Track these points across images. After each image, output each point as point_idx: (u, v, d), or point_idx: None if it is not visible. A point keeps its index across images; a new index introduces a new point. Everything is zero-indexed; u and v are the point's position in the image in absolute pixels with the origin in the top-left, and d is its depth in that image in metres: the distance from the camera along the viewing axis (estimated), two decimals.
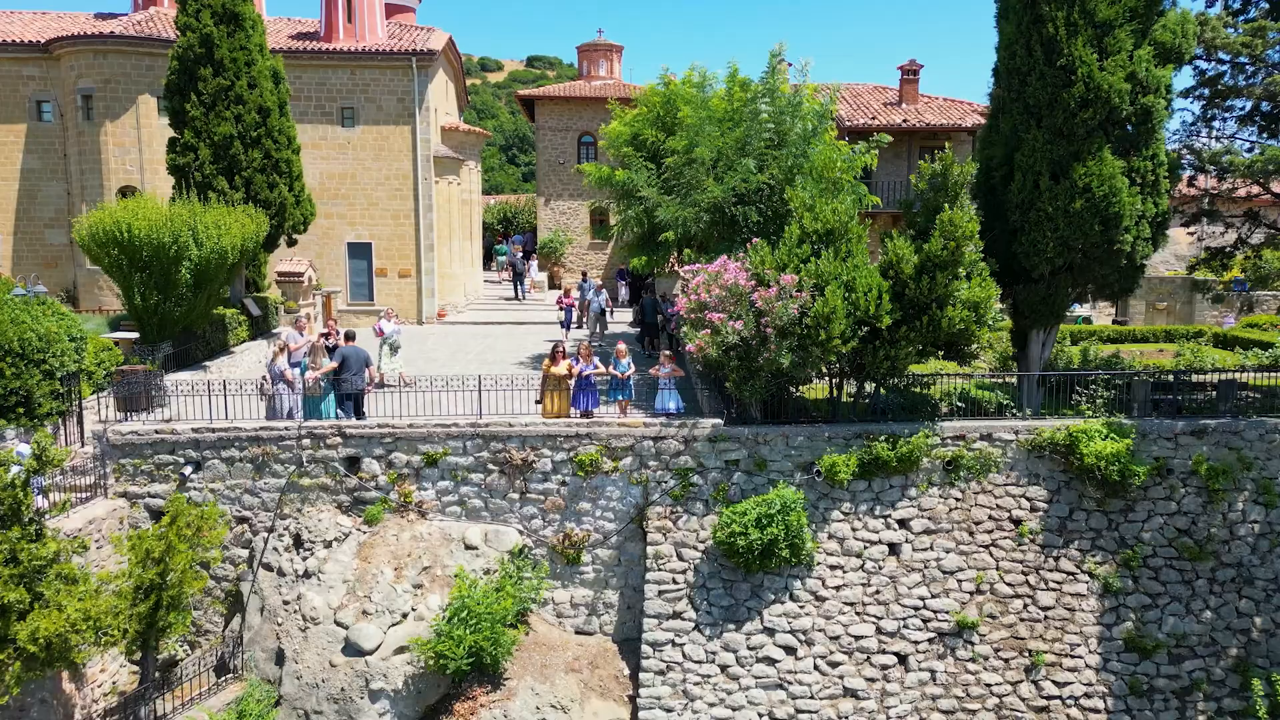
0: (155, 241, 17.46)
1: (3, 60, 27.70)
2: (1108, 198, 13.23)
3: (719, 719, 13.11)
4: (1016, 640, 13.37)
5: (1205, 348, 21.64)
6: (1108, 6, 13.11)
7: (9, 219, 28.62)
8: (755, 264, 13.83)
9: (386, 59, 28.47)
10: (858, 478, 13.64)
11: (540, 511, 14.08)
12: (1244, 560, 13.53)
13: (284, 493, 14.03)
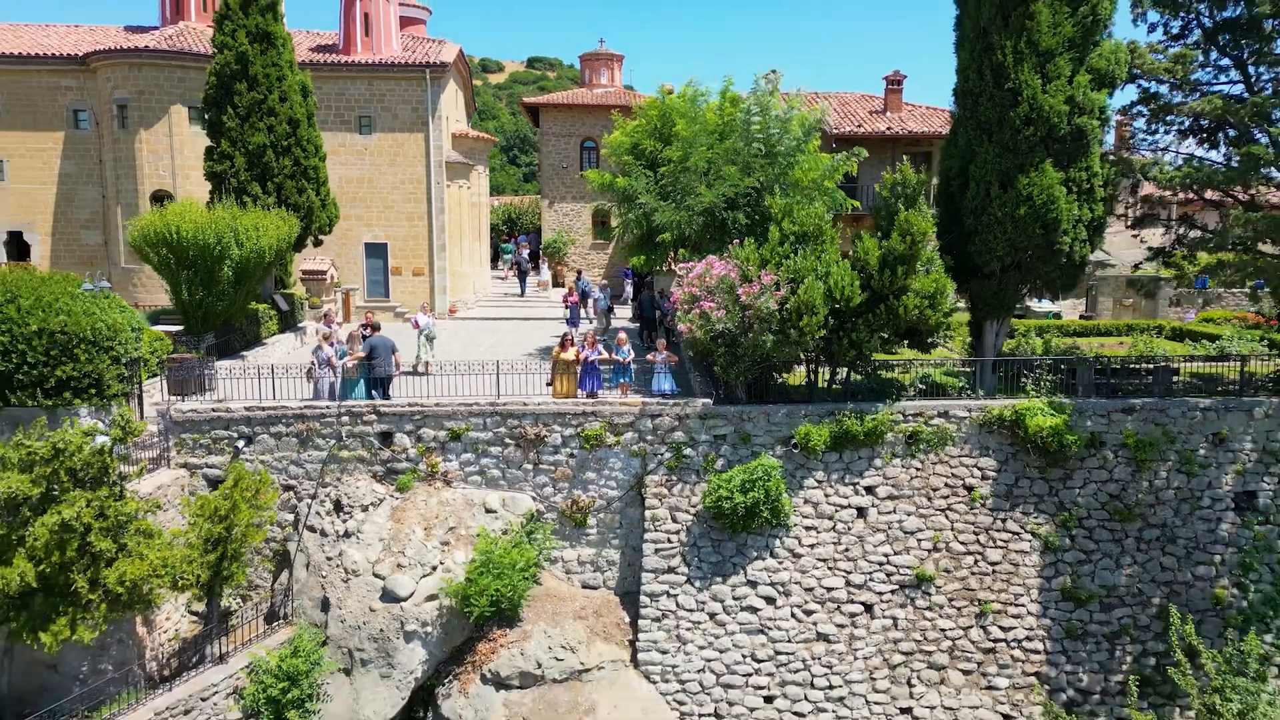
0: (201, 242, 19.35)
1: (42, 72, 29.58)
2: (1048, 205, 15.15)
3: (708, 660, 15.01)
4: (968, 591, 15.28)
5: (1157, 340, 23.52)
6: (1049, 37, 15.02)
7: (48, 220, 30.53)
8: (741, 261, 15.72)
9: (402, 71, 30.35)
10: (830, 450, 15.54)
11: (551, 480, 15.98)
12: (1167, 521, 15.44)
13: (325, 464, 15.93)
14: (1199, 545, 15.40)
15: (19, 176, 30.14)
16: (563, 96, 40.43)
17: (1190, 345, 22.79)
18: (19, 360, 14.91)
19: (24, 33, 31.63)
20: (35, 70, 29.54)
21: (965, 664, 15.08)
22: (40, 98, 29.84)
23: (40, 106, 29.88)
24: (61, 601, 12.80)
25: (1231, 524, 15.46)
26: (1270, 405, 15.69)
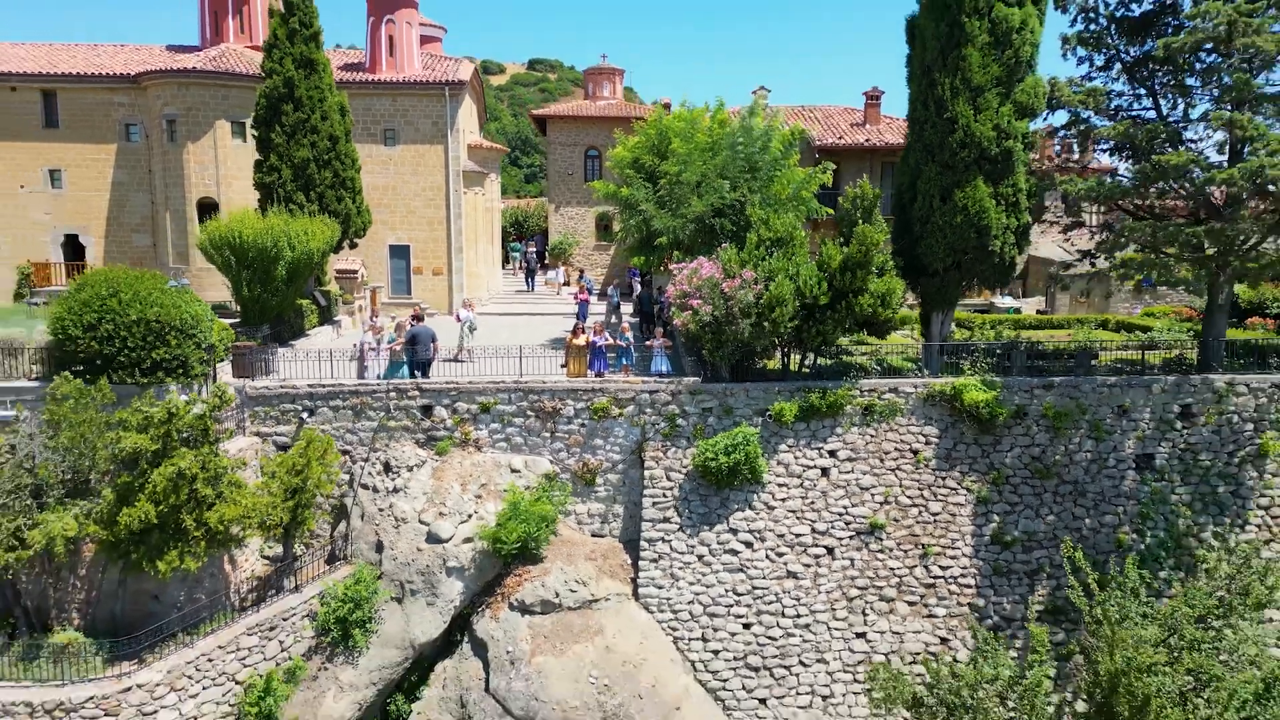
0: (260, 245, 22.38)
1: (98, 90, 32.60)
2: (980, 215, 18.20)
3: (696, 593, 18.06)
4: (913, 537, 18.32)
5: (1097, 330, 26.61)
6: (980, 75, 18.06)
7: (101, 224, 33.55)
8: (725, 261, 18.75)
9: (423, 88, 33.39)
10: (798, 420, 18.57)
11: (565, 446, 19.02)
12: (1079, 479, 18.49)
13: (375, 432, 18.97)
14: (1105, 498, 18.46)
15: (76, 184, 33.15)
16: (568, 108, 43.43)
17: (1126, 335, 25.84)
18: (120, 345, 17.90)
19: (77, 52, 34.66)
20: (91, 88, 32.54)
21: (910, 596, 18.13)
22: (95, 113, 32.83)
23: (95, 121, 32.88)
24: (172, 538, 15.85)
25: (1132, 481, 18.52)
26: (1165, 382, 18.74)
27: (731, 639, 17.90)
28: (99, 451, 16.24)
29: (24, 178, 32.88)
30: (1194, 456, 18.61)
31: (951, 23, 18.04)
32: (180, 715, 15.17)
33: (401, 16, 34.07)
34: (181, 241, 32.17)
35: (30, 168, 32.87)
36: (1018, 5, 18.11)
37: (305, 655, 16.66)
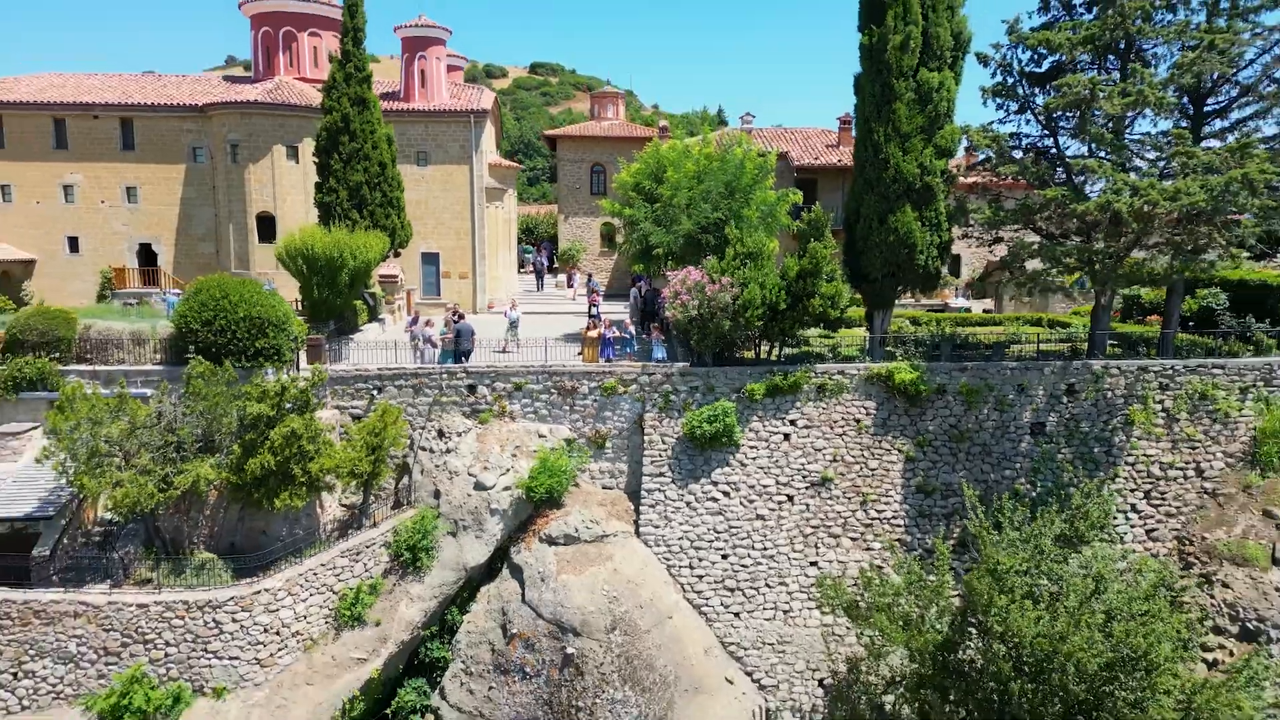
0: (328, 256, 27.25)
1: (168, 118, 37.56)
2: (908, 235, 23.13)
3: (685, 531, 23.00)
4: (855, 487, 23.27)
5: (1027, 327, 31.53)
6: (907, 125, 22.99)
7: (171, 235, 38.48)
8: (709, 270, 23.65)
9: (451, 116, 38.35)
10: (766, 396, 23.49)
11: (581, 417, 23.95)
12: (986, 442, 23.44)
13: (431, 406, 23.90)
14: (1006, 457, 23.40)
15: (149, 200, 38.10)
16: (576, 129, 48.36)
17: (1049, 330, 30.75)
18: (230, 336, 22.84)
19: (148, 84, 39.61)
20: (163, 116, 37.50)
21: (852, 534, 23.08)
22: (167, 137, 37.78)
23: (166, 144, 37.82)
24: (283, 483, 20.79)
25: (1027, 443, 23.46)
26: (1055, 366, 23.69)
27: (712, 566, 22.86)
28: (225, 417, 21.19)
29: (105, 194, 37.82)
30: (1076, 424, 23.57)
31: (884, 83, 22.97)
32: (295, 613, 20.14)
33: (432, 53, 39.03)
34: (243, 249, 37.14)
35: (110, 185, 37.82)
36: (937, 70, 23.04)
37: (383, 574, 21.62)
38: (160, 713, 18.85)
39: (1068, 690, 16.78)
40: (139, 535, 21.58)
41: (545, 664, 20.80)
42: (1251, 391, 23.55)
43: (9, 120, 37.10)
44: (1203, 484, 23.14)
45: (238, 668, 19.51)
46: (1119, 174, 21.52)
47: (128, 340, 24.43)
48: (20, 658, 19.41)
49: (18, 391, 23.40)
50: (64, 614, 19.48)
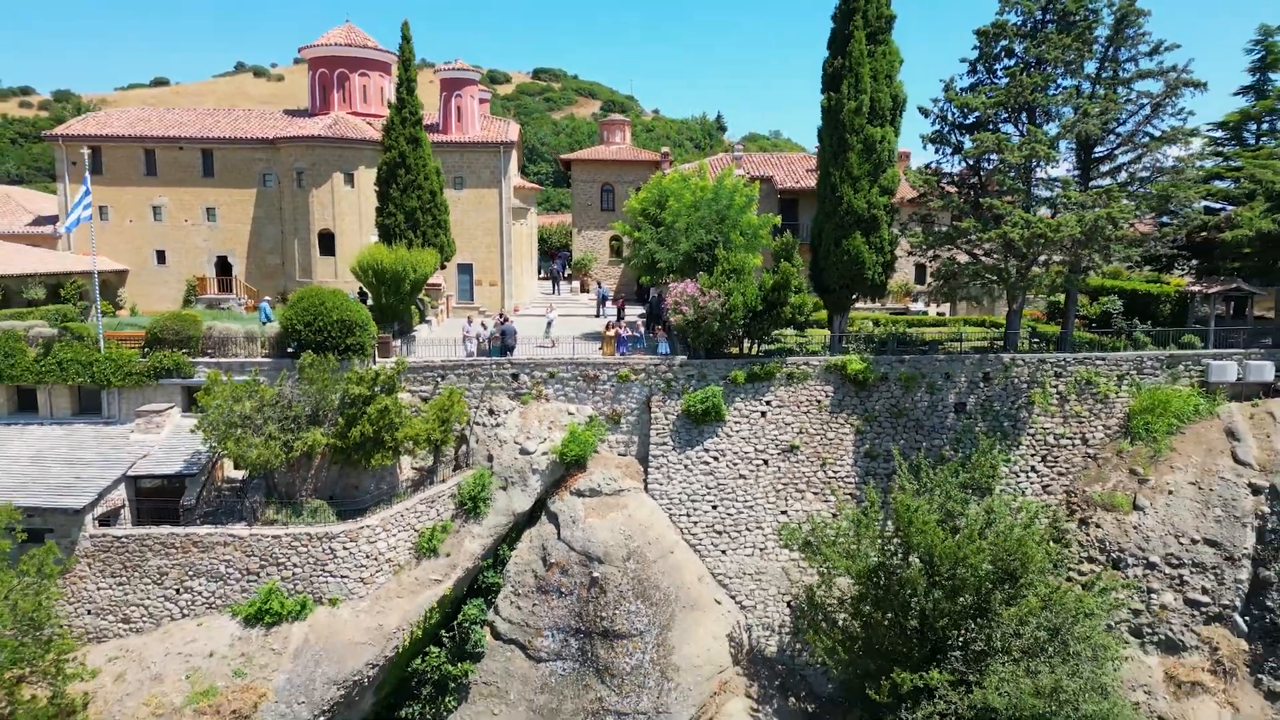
0: (394, 269, 33.59)
1: (243, 149, 43.97)
2: (858, 255, 29.53)
3: (682, 488, 29.39)
4: (816, 453, 29.66)
5: (966, 327, 37.89)
6: (857, 170, 29.37)
7: (243, 248, 44.88)
8: (702, 284, 30.03)
9: (483, 147, 44.77)
10: (747, 382, 29.85)
11: (601, 399, 30.32)
12: (919, 418, 29.83)
13: (483, 390, 30.28)
14: (935, 430, 29.80)
15: (225, 219, 44.50)
16: (587, 153, 54.82)
17: (987, 329, 37.10)
18: (325, 335, 29.21)
19: (223, 118, 46.03)
20: (238, 148, 43.91)
21: (814, 490, 29.49)
22: (240, 166, 44.20)
23: (241, 172, 44.23)
24: (376, 446, 27.18)
25: (952, 419, 29.85)
26: (974, 358, 30.09)
27: (704, 514, 29.28)
28: (330, 396, 27.60)
29: (188, 214, 44.24)
30: (990, 404, 29.98)
31: (839, 137, 29.39)
32: (388, 545, 26.55)
33: (466, 92, 45.47)
34: (306, 261, 43.54)
35: (193, 206, 44.24)
36: (879, 126, 29.45)
37: (451, 518, 28.01)
38: (290, 616, 25.25)
39: (962, 595, 23.26)
40: (261, 488, 28.03)
41: (576, 585, 27.23)
42: (1126, 378, 29.96)
43: (107, 150, 43.50)
44: (1086, 450, 29.56)
45: (347, 584, 25.94)
46: (1017, 210, 27.93)
47: (242, 337, 30.88)
48: (182, 577, 25.84)
49: (159, 378, 29.86)
50: (216, 543, 25.91)
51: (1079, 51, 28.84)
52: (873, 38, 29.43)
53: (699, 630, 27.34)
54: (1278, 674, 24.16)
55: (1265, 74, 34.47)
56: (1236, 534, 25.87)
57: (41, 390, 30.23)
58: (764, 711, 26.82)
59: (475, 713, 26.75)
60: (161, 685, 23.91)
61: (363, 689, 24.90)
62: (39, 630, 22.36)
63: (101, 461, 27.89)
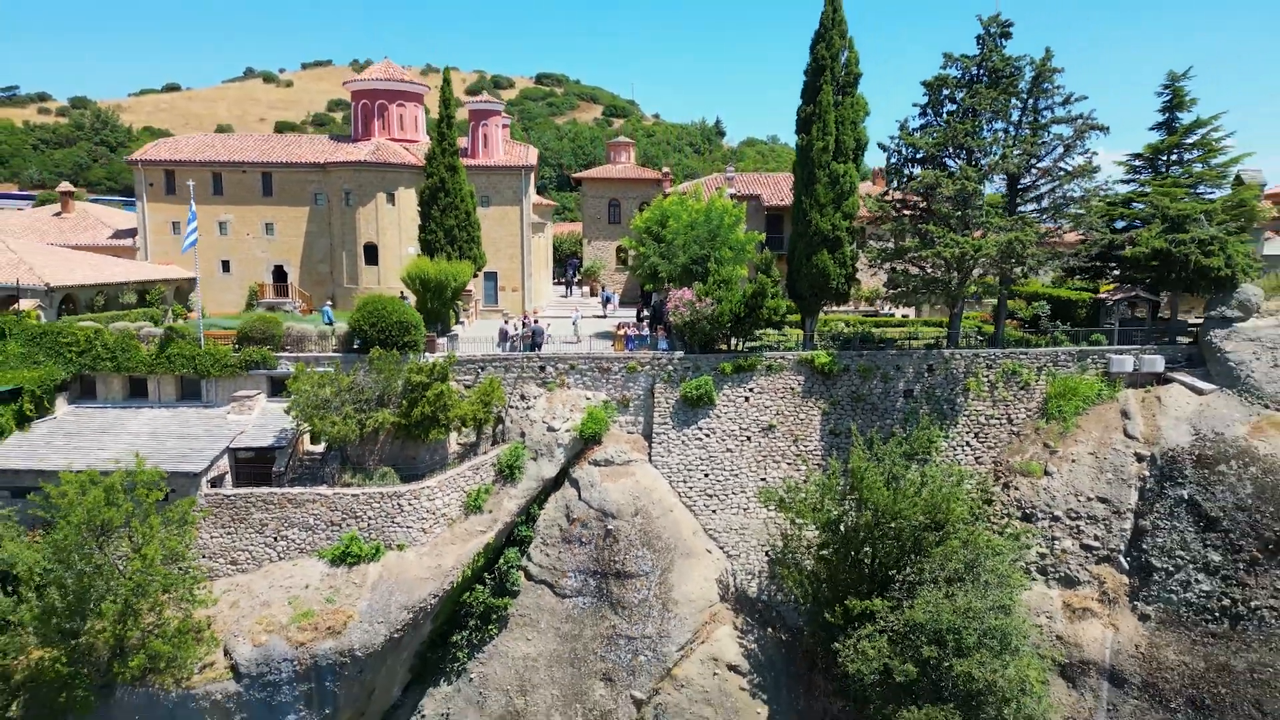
0: (438, 278, 40.03)
1: (298, 172, 50.41)
2: (824, 269, 35.98)
3: (680, 460, 35.83)
4: (790, 431, 36.09)
5: (923, 327, 44.24)
6: (824, 198, 35.79)
7: (297, 259, 51.30)
8: (697, 292, 36.45)
9: (507, 170, 51.23)
10: (733, 373, 36.26)
11: (614, 385, 36.73)
12: (875, 402, 36.24)
13: (516, 379, 36.70)
14: (887, 412, 36.21)
15: (281, 233, 50.93)
16: (596, 172, 61.32)
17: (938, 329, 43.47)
18: (386, 334, 35.64)
19: (278, 144, 52.50)
20: (294, 171, 50.35)
21: (788, 460, 35.90)
22: (295, 186, 50.64)
23: (295, 192, 50.67)
24: (433, 424, 33.62)
25: (901, 403, 36.26)
26: (920, 353, 36.48)
27: (698, 480, 35.71)
28: (394, 382, 34.02)
29: (250, 228, 50.67)
30: (933, 391, 36.38)
31: (809, 171, 35.80)
32: (443, 503, 32.98)
33: (492, 120, 51.94)
34: (353, 270, 49.95)
35: (254, 222, 50.67)
36: (843, 163, 35.85)
37: (492, 482, 34.41)
38: (367, 558, 31.66)
39: (901, 539, 29.69)
40: (337, 458, 34.48)
41: (594, 536, 33.66)
42: (1045, 369, 36.37)
43: (179, 173, 49.92)
44: (1010, 428, 35.99)
45: (411, 533, 32.38)
46: (949, 233, 34.34)
47: (315, 335, 37.32)
48: (279, 528, 32.27)
49: (249, 369, 36.30)
50: (306, 500, 32.33)
51: (1004, 102, 35.28)
52: (842, 90, 35.84)
53: (693, 573, 33.78)
54: (1149, 601, 30.50)
55: (1173, 113, 40.75)
56: (1123, 493, 32.28)
57: (152, 379, 36.67)
58: (747, 639, 33.23)
59: (512, 639, 33.18)
60: (269, 609, 30.37)
61: (425, 615, 31.35)
62: (180, 564, 28.86)
63: (207, 436, 34.35)
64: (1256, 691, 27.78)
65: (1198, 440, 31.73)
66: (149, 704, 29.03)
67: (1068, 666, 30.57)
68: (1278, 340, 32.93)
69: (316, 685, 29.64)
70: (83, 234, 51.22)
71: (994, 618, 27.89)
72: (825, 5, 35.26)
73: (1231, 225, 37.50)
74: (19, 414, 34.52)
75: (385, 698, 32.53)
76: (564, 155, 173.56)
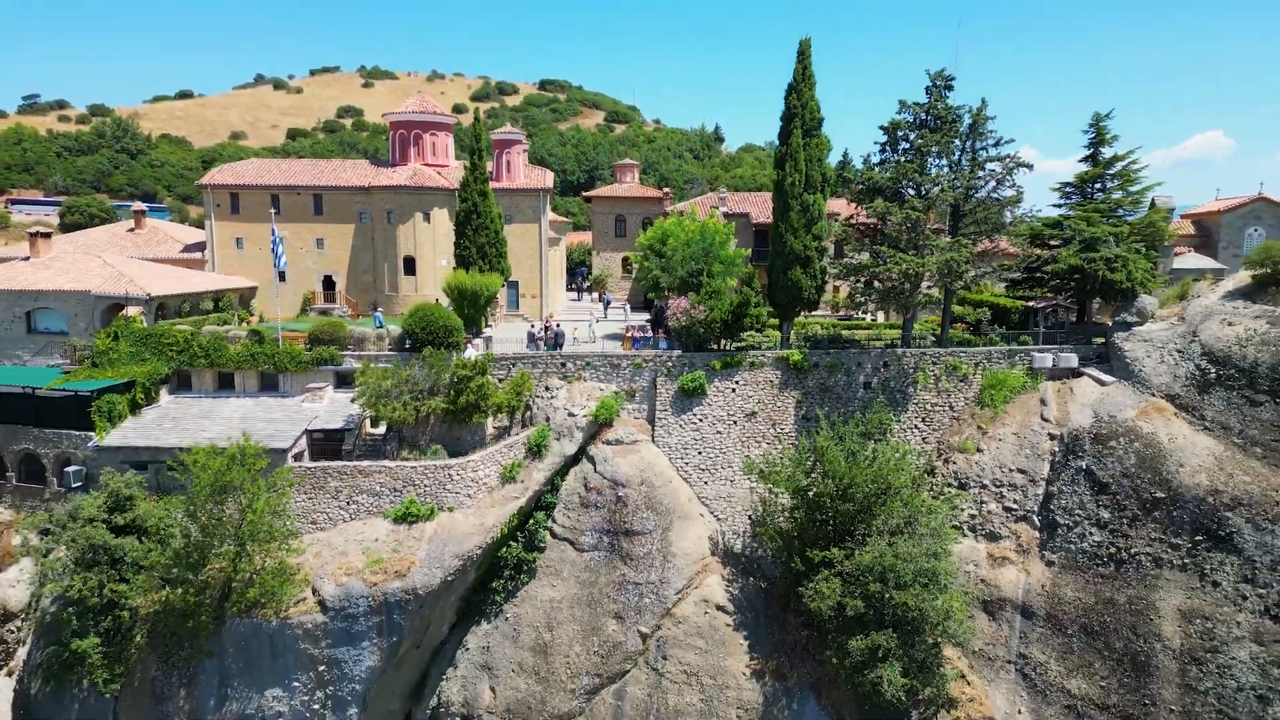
0: (473, 288, 47.45)
1: (345, 193, 57.81)
2: (798, 283, 43.39)
3: (678, 440, 43.25)
4: (769, 416, 43.48)
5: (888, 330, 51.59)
6: (797, 223, 43.18)
7: (344, 270, 58.71)
8: (692, 300, 43.83)
9: (526, 192, 58.65)
10: (722, 368, 43.64)
11: (623, 379, 44.13)
12: (839, 392, 43.62)
13: (541, 373, 44.10)
14: (849, 400, 43.57)
15: (330, 247, 58.35)
16: (604, 191, 68.75)
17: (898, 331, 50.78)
18: (433, 334, 43.06)
19: (328, 169, 59.89)
20: (341, 192, 57.76)
21: (768, 440, 43.28)
22: (342, 206, 58.04)
23: (342, 211, 58.06)
24: (475, 410, 41.04)
25: (861, 393, 43.62)
26: (877, 351, 43.85)
27: (693, 457, 43.13)
28: (444, 375, 41.44)
29: (302, 243, 58.08)
30: (888, 383, 43.74)
31: (784, 202, 43.18)
32: (484, 474, 40.40)
33: (514, 149, 59.38)
34: (393, 280, 57.35)
35: (306, 237, 58.07)
36: (813, 194, 43.23)
37: (523, 458, 41.77)
38: (424, 517, 39.02)
39: (856, 502, 37.10)
40: (395, 438, 41.91)
41: (606, 501, 41.05)
42: (980, 365, 43.74)
43: (243, 195, 57.32)
44: (951, 413, 43.38)
45: (459, 497, 39.78)
46: (898, 253, 41.73)
47: (373, 337, 44.75)
48: (351, 494, 39.69)
49: (318, 365, 43.71)
50: (373, 471, 39.74)
51: (947, 144, 42.70)
52: (808, 134, 43.26)
53: (689, 532, 41.20)
54: (1053, 550, 37.83)
55: (1097, 148, 48.12)
56: (1037, 465, 39.67)
57: (238, 374, 44.08)
58: (732, 585, 40.64)
59: (540, 585, 40.59)
60: (347, 557, 37.79)
61: (471, 563, 38.74)
62: (279, 519, 36.27)
63: (288, 421, 41.78)
64: (1133, 619, 35.13)
65: (1097, 422, 39.12)
66: (254, 632, 36.46)
67: (989, 603, 37.97)
68: (1166, 341, 40.30)
69: (386, 618, 37.02)
70: (157, 248, 58.60)
71: (925, 560, 35.26)
72: (796, 64, 42.72)
73: (1141, 244, 44.95)
74: (132, 402, 41.95)
75: (437, 633, 39.96)
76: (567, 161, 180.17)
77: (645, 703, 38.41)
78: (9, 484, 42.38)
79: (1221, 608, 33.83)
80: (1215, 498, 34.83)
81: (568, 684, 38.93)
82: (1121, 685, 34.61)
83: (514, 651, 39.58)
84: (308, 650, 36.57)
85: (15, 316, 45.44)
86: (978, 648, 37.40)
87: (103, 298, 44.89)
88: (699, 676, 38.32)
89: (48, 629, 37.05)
